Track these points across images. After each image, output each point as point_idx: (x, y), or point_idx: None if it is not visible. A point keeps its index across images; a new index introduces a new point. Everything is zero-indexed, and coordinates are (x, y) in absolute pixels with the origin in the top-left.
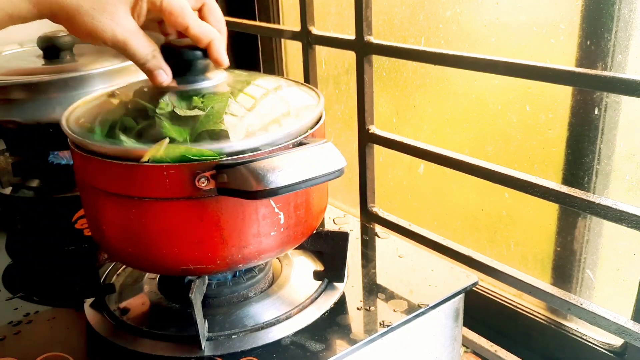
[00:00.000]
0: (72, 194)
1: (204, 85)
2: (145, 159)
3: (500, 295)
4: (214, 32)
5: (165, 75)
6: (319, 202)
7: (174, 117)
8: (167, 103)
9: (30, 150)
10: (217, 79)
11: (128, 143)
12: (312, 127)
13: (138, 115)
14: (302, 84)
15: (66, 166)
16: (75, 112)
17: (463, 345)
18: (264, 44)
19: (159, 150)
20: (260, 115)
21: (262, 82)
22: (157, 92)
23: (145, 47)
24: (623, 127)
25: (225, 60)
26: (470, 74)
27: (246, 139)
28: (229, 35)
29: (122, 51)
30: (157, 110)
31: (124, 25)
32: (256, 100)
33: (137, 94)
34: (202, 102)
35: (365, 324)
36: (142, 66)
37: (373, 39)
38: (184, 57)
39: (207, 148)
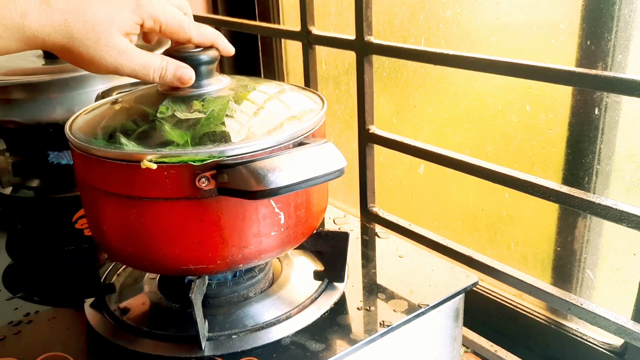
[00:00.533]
0: (72, 194)
1: (206, 90)
2: (143, 167)
3: (501, 295)
4: (214, 32)
5: (189, 71)
6: (319, 202)
7: (175, 121)
8: (167, 107)
9: (30, 150)
10: (220, 84)
11: (128, 146)
12: (312, 128)
13: (139, 119)
14: (305, 88)
15: (66, 166)
16: (78, 118)
17: (463, 345)
18: (264, 44)
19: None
20: (262, 118)
21: (264, 87)
22: (158, 97)
23: (153, 61)
24: (623, 127)
25: (231, 49)
26: (470, 74)
27: (247, 141)
28: (229, 35)
29: (131, 75)
30: (158, 115)
31: (121, 49)
32: (258, 104)
33: (138, 100)
34: (202, 106)
35: (365, 324)
36: (162, 78)
37: (373, 39)
38: (189, 62)
39: (207, 152)
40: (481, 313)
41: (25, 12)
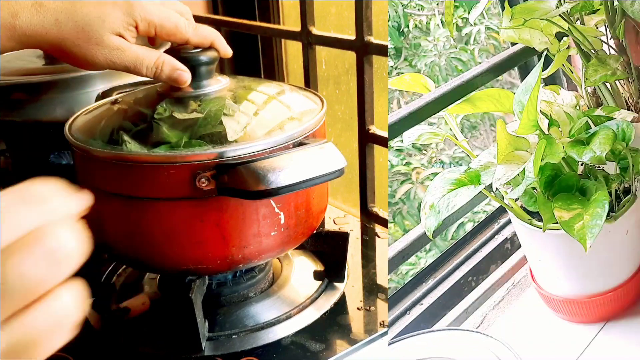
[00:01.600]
0: None
1: (205, 91)
2: None
3: None
4: (212, 31)
5: (186, 74)
6: (319, 202)
7: (172, 122)
8: (165, 108)
9: (30, 150)
10: (219, 85)
11: (131, 144)
12: (312, 128)
13: (137, 120)
14: (304, 89)
15: (66, 166)
16: (78, 119)
17: None
18: (264, 44)
19: None
20: (262, 118)
21: (264, 88)
22: (157, 98)
23: (147, 57)
24: None
25: (229, 51)
26: None
27: (247, 141)
28: (229, 36)
29: (125, 71)
30: (155, 115)
31: (113, 46)
32: (258, 104)
33: (138, 100)
34: (199, 106)
35: (365, 324)
36: (157, 77)
37: (373, 39)
38: (188, 62)
39: (205, 152)
40: None
41: (17, 12)
